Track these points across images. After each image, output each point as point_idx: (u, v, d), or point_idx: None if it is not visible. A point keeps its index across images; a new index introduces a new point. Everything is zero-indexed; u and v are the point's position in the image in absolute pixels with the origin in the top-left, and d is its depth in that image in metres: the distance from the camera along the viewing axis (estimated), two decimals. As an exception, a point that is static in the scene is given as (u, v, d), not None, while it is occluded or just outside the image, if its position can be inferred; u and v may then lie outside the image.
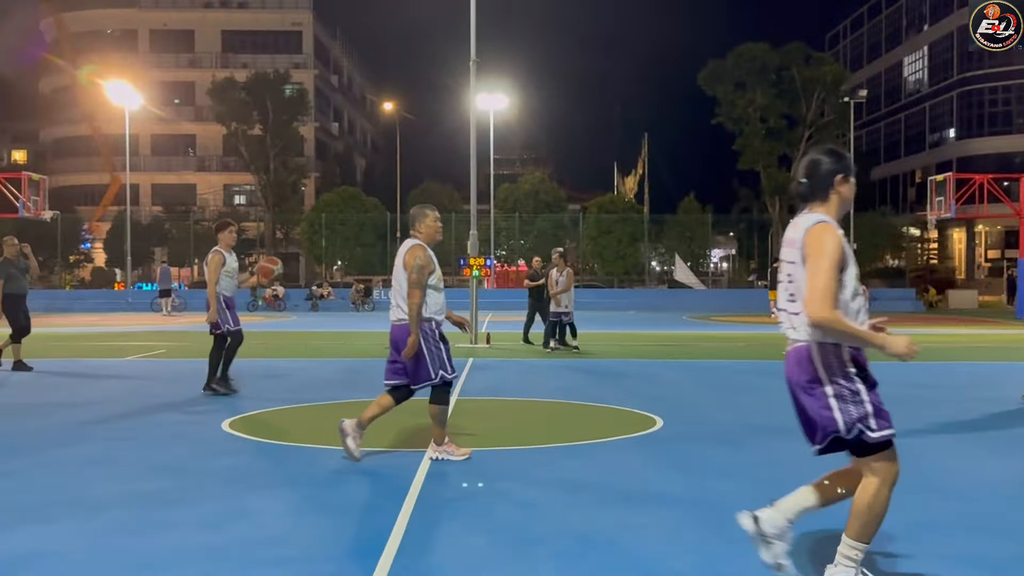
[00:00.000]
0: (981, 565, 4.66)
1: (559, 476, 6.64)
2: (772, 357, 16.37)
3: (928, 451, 7.67)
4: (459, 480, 6.49)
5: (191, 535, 5.12)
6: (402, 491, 6.09)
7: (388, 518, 5.44)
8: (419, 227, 7.14)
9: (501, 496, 6.04)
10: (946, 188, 35.37)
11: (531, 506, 5.77)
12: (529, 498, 5.98)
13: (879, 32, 75.81)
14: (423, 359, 6.89)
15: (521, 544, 4.98)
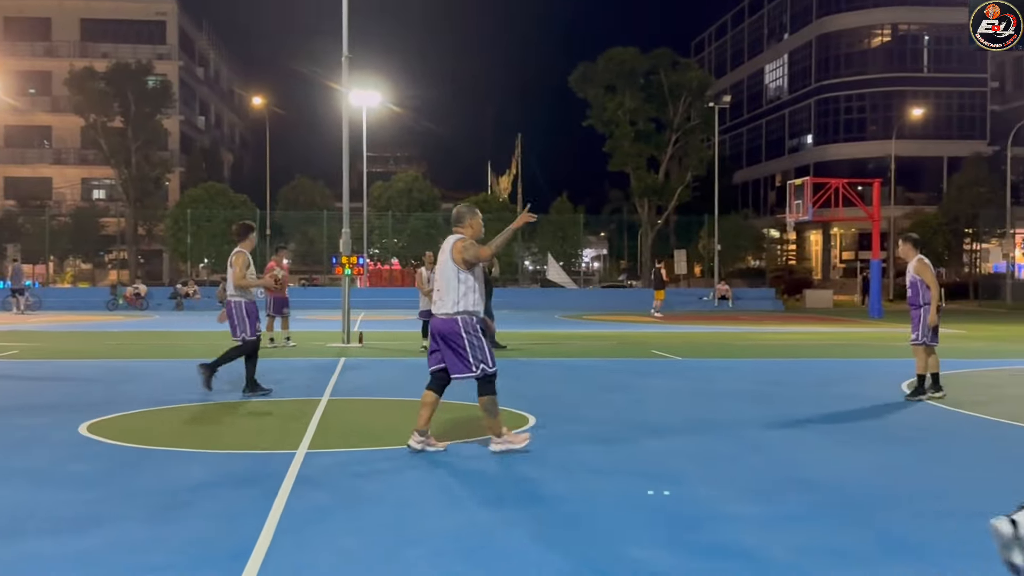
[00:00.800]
0: (840, 555, 4.85)
1: (433, 476, 6.60)
2: (643, 355, 16.71)
3: (786, 445, 7.95)
4: (331, 481, 6.38)
5: (49, 544, 4.88)
6: (271, 493, 5.95)
7: (257, 521, 5.31)
8: (468, 223, 7.37)
9: (374, 497, 5.97)
10: (804, 192, 36.81)
11: (404, 506, 5.72)
12: (402, 498, 5.93)
13: (742, 40, 78.43)
14: (464, 351, 7.11)
15: (394, 545, 4.93)
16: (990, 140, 58.51)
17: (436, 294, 7.32)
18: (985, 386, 12.05)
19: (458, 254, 7.10)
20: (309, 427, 8.52)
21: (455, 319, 7.15)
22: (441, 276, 7.22)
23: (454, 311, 7.15)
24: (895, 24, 62.32)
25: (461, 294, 7.15)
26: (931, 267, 10.72)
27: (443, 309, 7.21)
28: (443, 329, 7.20)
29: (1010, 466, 7.13)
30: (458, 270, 7.12)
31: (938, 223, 50.32)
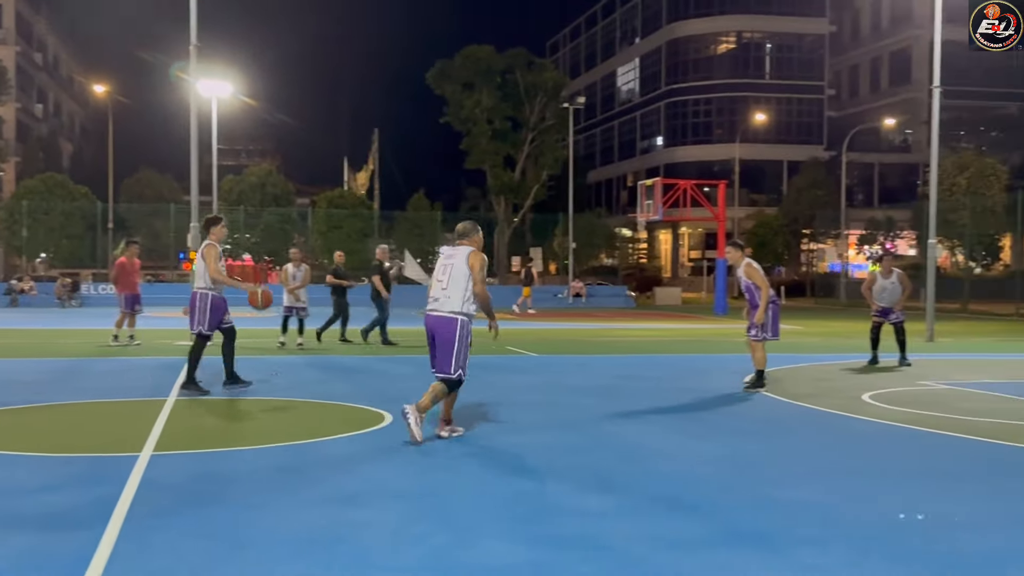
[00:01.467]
0: (682, 542, 5.01)
1: (285, 476, 6.49)
2: (498, 352, 16.85)
3: (633, 438, 8.17)
4: (177, 484, 6.18)
5: None
6: (113, 498, 5.72)
7: (99, 525, 5.09)
8: (473, 238, 8.06)
9: (222, 498, 5.82)
10: (654, 192, 37.85)
11: (254, 508, 5.60)
12: (252, 500, 5.80)
13: (596, 42, 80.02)
14: (452, 353, 7.72)
15: (242, 547, 4.82)
16: (827, 145, 61.52)
17: (440, 293, 7.83)
18: (819, 379, 12.68)
19: (478, 271, 7.79)
20: (154, 428, 8.23)
21: (456, 319, 7.72)
22: (453, 279, 7.80)
23: (459, 311, 7.73)
24: (740, 32, 64.77)
25: (467, 299, 7.76)
26: (759, 268, 11.25)
27: (447, 308, 7.76)
28: (439, 327, 7.77)
29: (840, 453, 7.53)
30: (470, 277, 7.77)
31: (778, 224, 52.56)
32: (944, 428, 8.63)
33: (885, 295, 14.38)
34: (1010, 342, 20.73)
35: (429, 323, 7.87)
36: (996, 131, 56.27)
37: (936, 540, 5.07)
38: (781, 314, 11.57)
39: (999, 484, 6.48)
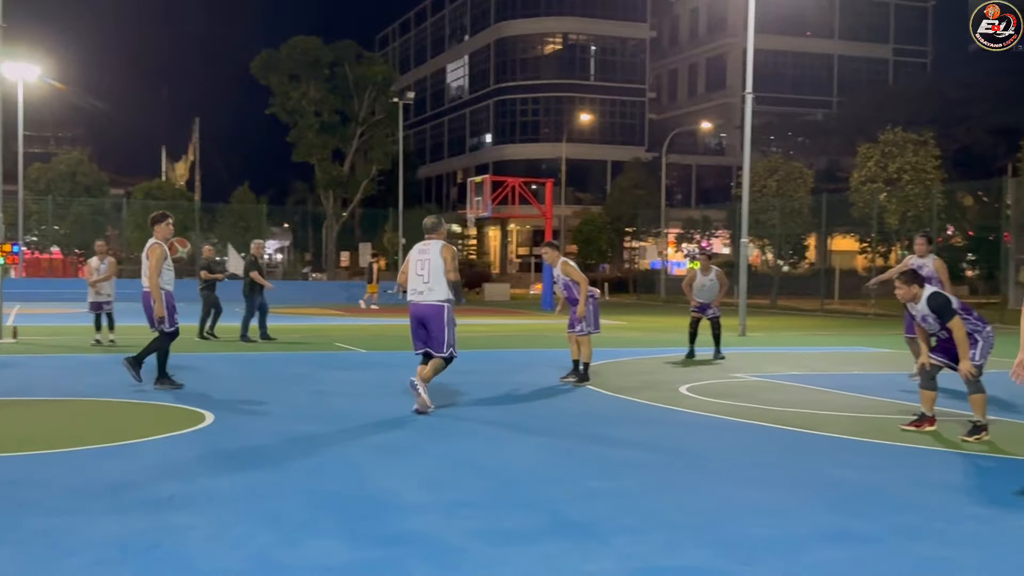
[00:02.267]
0: (510, 535, 5.10)
1: (96, 480, 6.19)
2: (326, 348, 16.61)
3: (463, 432, 8.24)
4: (-23, 492, 5.80)
5: None
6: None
7: None
8: (441, 232, 9.30)
9: (29, 505, 5.50)
10: (484, 189, 38.17)
11: (64, 513, 5.33)
12: (62, 505, 5.51)
13: (425, 38, 79.98)
14: (443, 335, 9.03)
15: (53, 556, 4.58)
16: (648, 146, 63.66)
17: (422, 286, 9.02)
18: (640, 373, 13.13)
19: (450, 261, 8.98)
20: (-49, 433, 7.69)
21: (443, 306, 9.00)
22: (433, 272, 8.99)
23: (444, 299, 8.99)
24: (566, 33, 66.17)
25: (448, 287, 8.96)
26: (576, 266, 11.69)
27: (433, 298, 9.02)
28: (430, 313, 9.05)
29: (659, 444, 7.83)
30: (445, 269, 8.91)
31: (603, 222, 54.02)
32: (755, 418, 9.10)
33: (704, 292, 15.02)
34: (815, 336, 22.06)
35: (418, 311, 9.09)
36: (803, 137, 59.68)
37: (747, 525, 5.34)
38: (604, 309, 11.94)
39: (804, 471, 6.90)
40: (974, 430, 7.96)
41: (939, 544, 5.03)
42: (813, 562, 4.70)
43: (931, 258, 11.34)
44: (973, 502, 5.99)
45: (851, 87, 63.72)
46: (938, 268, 11.14)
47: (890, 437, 8.13)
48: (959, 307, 8.03)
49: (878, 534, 5.20)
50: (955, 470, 7.01)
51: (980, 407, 7.98)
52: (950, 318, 7.87)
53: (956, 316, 7.88)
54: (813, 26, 66.34)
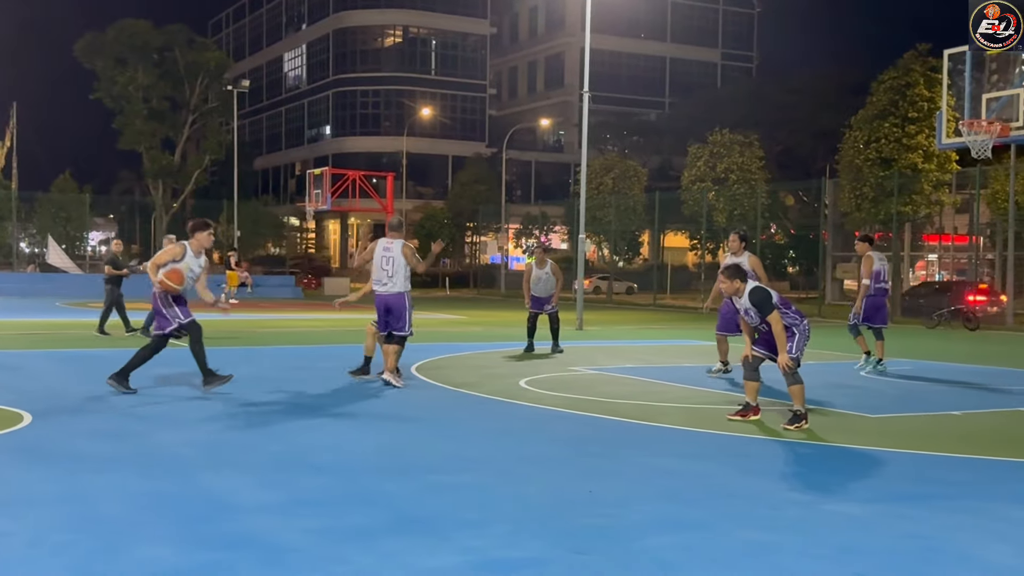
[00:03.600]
0: (352, 532, 5.04)
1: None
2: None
3: (301, 430, 8.09)
4: None
5: None
6: None
7: None
8: (402, 232, 10.94)
9: None
10: (323, 182, 37.60)
11: None
12: None
13: (261, 25, 78.00)
14: (404, 318, 10.66)
15: None
16: (489, 142, 64.18)
17: (387, 278, 10.61)
18: (480, 367, 13.22)
19: (410, 257, 10.65)
20: None
21: (404, 294, 10.62)
22: (395, 266, 10.59)
23: (403, 289, 10.64)
24: (407, 26, 65.88)
25: (406, 278, 10.65)
26: None
27: (395, 288, 10.62)
28: (393, 302, 10.63)
29: (499, 437, 7.91)
30: (406, 264, 10.56)
31: (445, 217, 54.12)
32: (592, 410, 9.31)
33: (540, 285, 15.24)
34: (648, 329, 22.76)
35: (382, 300, 10.66)
36: (638, 136, 61.45)
37: (584, 515, 5.46)
38: (444, 304, 11.96)
39: (640, 461, 7.11)
40: (794, 419, 8.39)
41: (764, 529, 5.28)
42: (646, 548, 4.84)
43: (746, 255, 11.82)
44: (793, 488, 6.32)
45: (682, 89, 66.07)
46: (753, 264, 11.64)
47: (718, 427, 8.47)
48: (779, 301, 8.44)
49: (707, 520, 5.41)
50: (777, 458, 7.37)
51: (799, 397, 8.40)
52: (769, 312, 8.27)
53: (775, 310, 8.29)
54: (647, 28, 68.42)
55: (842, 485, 6.37)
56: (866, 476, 6.72)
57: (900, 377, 12.72)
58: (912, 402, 10.52)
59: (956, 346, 18.74)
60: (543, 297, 15.34)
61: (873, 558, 4.78)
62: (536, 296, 15.33)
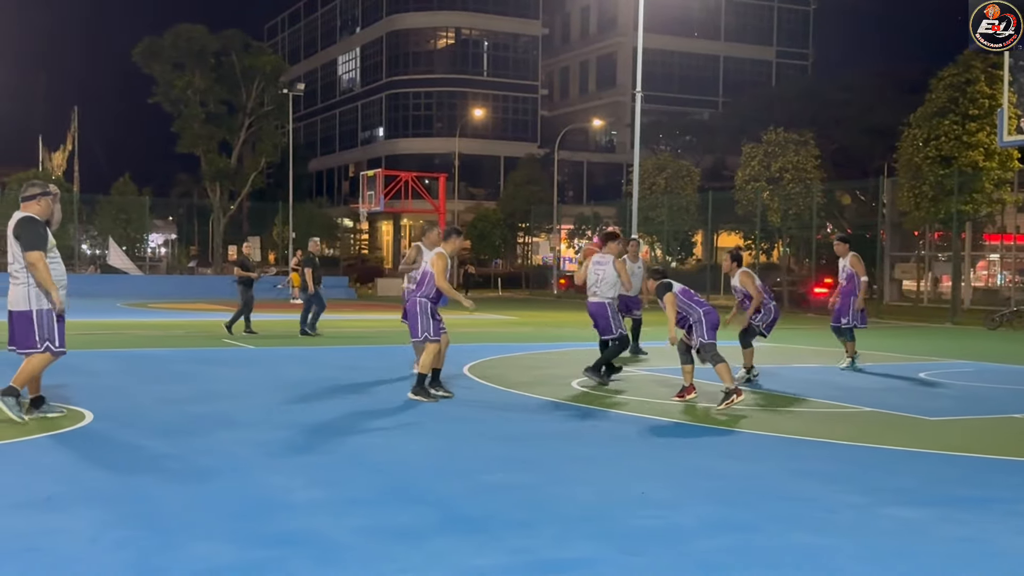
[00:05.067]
0: (402, 532, 5.08)
1: (-33, 484, 5.92)
2: (213, 345, 16.22)
3: (355, 430, 8.17)
4: None
5: None
6: None
7: None
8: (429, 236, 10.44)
9: None
10: (376, 183, 37.91)
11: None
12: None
13: (315, 29, 78.79)
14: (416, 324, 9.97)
15: (-83, 565, 4.36)
16: (541, 143, 64.14)
17: (412, 285, 10.41)
18: (531, 367, 13.24)
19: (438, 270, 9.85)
20: None
21: (415, 301, 10.01)
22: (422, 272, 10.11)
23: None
24: (459, 28, 66.09)
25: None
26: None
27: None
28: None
29: (549, 438, 7.92)
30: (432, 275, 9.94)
31: (497, 218, 54.20)
32: (642, 411, 9.28)
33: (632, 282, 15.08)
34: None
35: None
36: (690, 136, 60.97)
37: (634, 516, 5.45)
38: (498, 304, 11.96)
39: (689, 462, 7.06)
40: (725, 397, 9.11)
41: (815, 532, 5.21)
42: (696, 550, 4.82)
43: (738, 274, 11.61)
44: (846, 491, 6.23)
45: (736, 88, 65.40)
46: (743, 282, 11.49)
47: (765, 428, 8.38)
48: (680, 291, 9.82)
49: (757, 522, 5.36)
50: (829, 459, 7.27)
51: (725, 375, 9.30)
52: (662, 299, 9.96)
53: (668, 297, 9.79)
54: (700, 27, 67.87)
55: (898, 488, 6.28)
56: (923, 479, 6.60)
57: (959, 379, 12.48)
58: (971, 404, 10.32)
59: (1018, 348, 18.32)
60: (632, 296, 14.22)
61: (927, 562, 4.70)
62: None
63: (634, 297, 14.51)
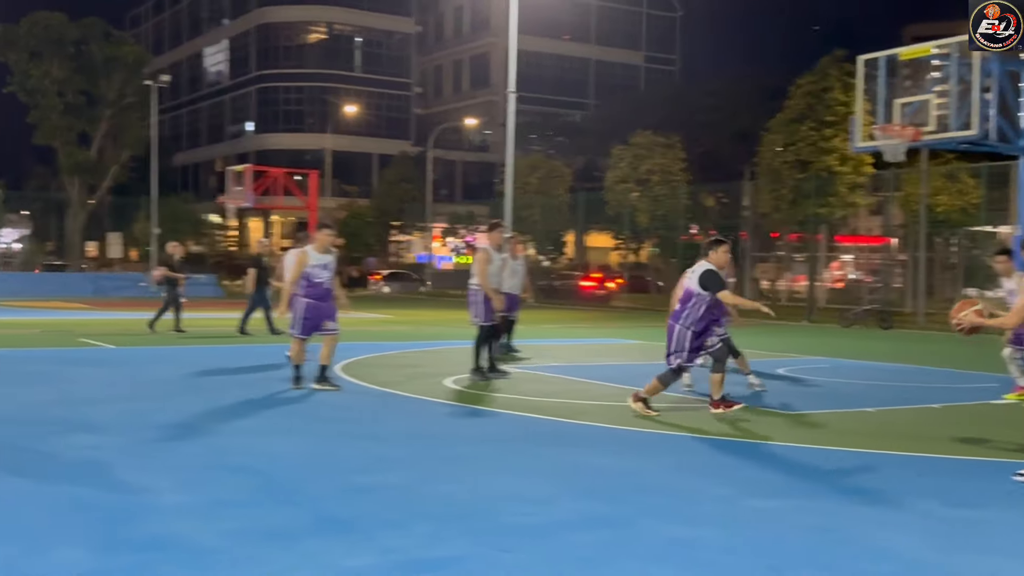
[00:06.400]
0: (272, 534, 5.00)
1: None
2: (70, 344, 15.56)
3: (221, 431, 7.98)
4: None
5: None
6: None
7: None
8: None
9: None
10: (245, 179, 37.03)
11: None
12: None
13: (181, 19, 76.44)
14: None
15: None
16: (414, 141, 63.85)
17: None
18: (405, 366, 13.18)
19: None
20: None
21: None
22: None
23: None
24: (331, 23, 65.20)
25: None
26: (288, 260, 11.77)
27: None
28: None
29: (421, 436, 7.90)
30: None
31: (370, 215, 53.71)
32: (516, 409, 9.36)
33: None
34: (571, 328, 22.93)
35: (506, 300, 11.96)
36: (562, 136, 61.76)
37: (507, 513, 5.49)
38: (371, 302, 11.90)
39: (563, 459, 7.16)
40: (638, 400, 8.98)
41: (685, 524, 5.37)
42: (569, 545, 4.89)
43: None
44: (714, 484, 6.44)
45: (606, 91, 66.63)
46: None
47: (640, 424, 8.59)
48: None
49: (630, 516, 5.48)
50: (699, 454, 7.50)
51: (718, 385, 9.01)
52: None
53: None
54: (571, 30, 68.82)
55: (762, 480, 6.52)
56: (785, 471, 6.88)
57: (816, 375, 13.04)
58: (827, 399, 10.80)
59: (874, 345, 19.27)
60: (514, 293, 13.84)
61: (788, 550, 4.90)
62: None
63: (515, 296, 14.03)
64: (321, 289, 10.33)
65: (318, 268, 10.32)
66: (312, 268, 10.28)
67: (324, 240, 10.51)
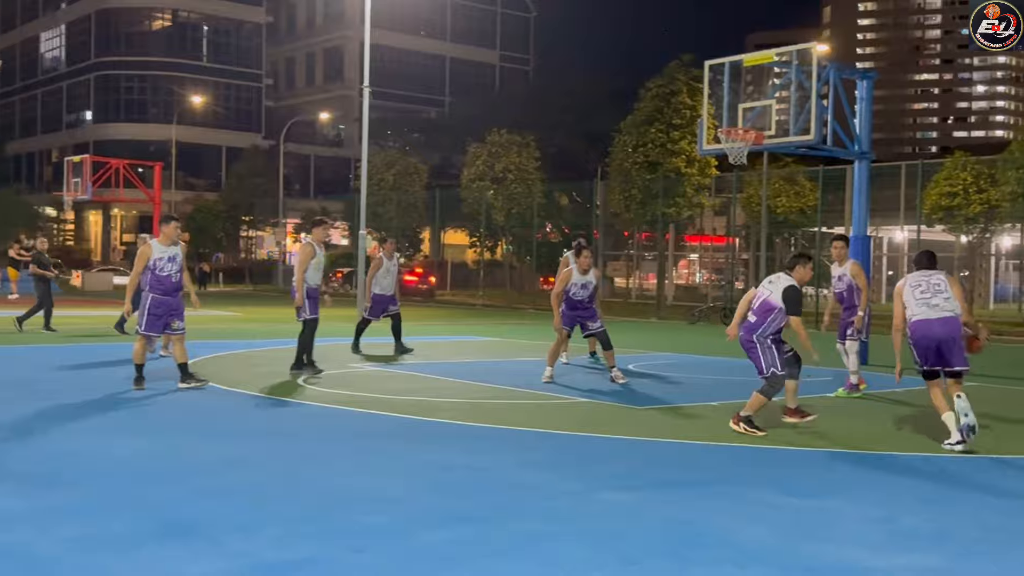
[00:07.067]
0: (112, 540, 4.77)
1: None
2: None
3: (62, 434, 7.58)
4: None
5: None
6: None
7: None
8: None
9: None
10: (83, 170, 35.39)
11: None
12: None
13: (15, 2, 72.37)
14: None
15: None
16: (266, 134, 62.41)
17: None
18: (255, 364, 12.86)
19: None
20: None
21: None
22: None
23: None
24: (176, 10, 63.00)
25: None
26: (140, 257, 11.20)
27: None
28: None
29: (271, 437, 7.71)
30: None
31: (219, 210, 52.19)
32: (370, 407, 9.24)
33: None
34: (427, 325, 22.86)
35: None
36: (418, 133, 61.57)
37: (360, 512, 5.41)
38: (218, 300, 11.53)
39: (417, 456, 7.11)
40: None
41: (539, 519, 5.41)
42: (424, 544, 4.85)
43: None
44: (567, 478, 6.51)
45: (462, 88, 66.81)
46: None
47: (495, 421, 8.62)
48: None
49: (485, 513, 5.48)
50: (551, 450, 7.58)
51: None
52: None
53: None
54: (427, 26, 68.67)
55: (613, 474, 6.64)
56: (634, 464, 7.02)
57: (664, 371, 13.40)
58: (675, 393, 11.11)
59: (718, 341, 19.94)
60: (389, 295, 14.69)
61: (640, 542, 5.00)
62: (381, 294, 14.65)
63: (391, 296, 14.72)
64: (169, 283, 9.97)
65: (163, 261, 9.93)
66: (157, 260, 9.90)
67: (170, 233, 10.14)
